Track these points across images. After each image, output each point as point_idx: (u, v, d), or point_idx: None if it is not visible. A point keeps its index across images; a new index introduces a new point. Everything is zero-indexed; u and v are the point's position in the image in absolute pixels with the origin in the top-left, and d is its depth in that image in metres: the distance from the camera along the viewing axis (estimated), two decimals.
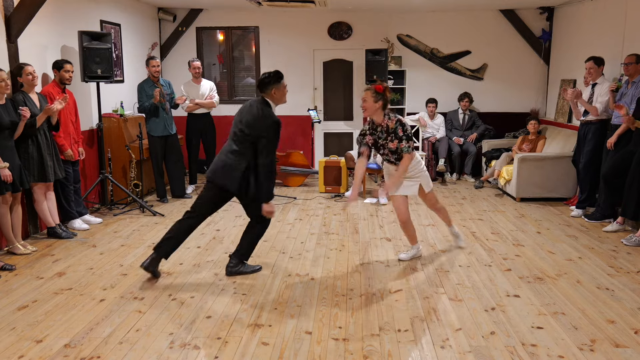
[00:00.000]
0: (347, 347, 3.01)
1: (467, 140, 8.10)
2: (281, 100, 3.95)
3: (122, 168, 6.50)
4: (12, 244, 4.63)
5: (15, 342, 3.08)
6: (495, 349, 2.98)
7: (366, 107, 4.17)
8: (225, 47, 8.69)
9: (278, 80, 3.88)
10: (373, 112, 4.18)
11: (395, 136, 4.16)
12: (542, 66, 8.39)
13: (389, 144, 4.20)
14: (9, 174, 4.35)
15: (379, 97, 4.12)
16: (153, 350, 2.98)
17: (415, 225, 5.56)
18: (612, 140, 5.38)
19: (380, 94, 4.12)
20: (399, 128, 4.16)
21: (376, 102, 4.13)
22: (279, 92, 3.90)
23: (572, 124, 7.19)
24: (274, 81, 3.87)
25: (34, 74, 4.78)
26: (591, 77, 5.85)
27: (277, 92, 3.89)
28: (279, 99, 3.93)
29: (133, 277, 4.11)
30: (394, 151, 4.22)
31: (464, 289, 3.86)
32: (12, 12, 4.86)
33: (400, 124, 4.17)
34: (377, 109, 4.15)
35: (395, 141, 4.16)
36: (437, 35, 8.49)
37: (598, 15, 6.78)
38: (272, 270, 4.28)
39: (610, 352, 2.95)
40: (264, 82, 3.88)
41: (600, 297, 3.70)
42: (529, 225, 5.58)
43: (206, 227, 5.49)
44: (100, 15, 6.57)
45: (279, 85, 3.89)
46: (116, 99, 6.84)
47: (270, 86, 3.87)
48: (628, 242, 4.87)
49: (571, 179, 6.53)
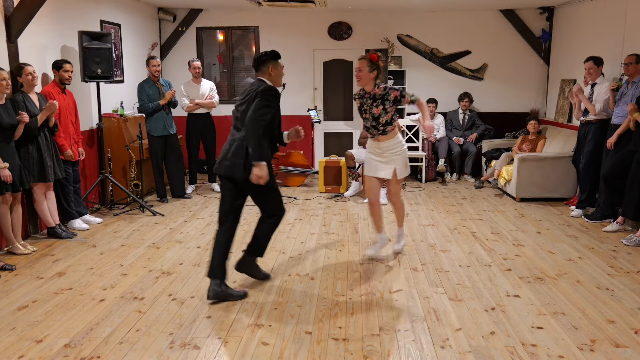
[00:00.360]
0: (347, 347, 3.01)
1: (467, 140, 8.10)
2: (278, 81, 3.72)
3: (122, 168, 6.50)
4: (12, 244, 4.63)
5: (15, 342, 3.08)
6: (495, 349, 2.98)
7: (361, 77, 4.20)
8: (225, 47, 8.69)
9: (275, 57, 3.69)
10: (367, 82, 4.23)
11: (381, 102, 4.21)
12: (542, 66, 8.39)
13: (372, 109, 4.24)
14: (9, 174, 4.35)
15: (374, 67, 4.19)
16: (153, 350, 2.99)
17: (415, 225, 5.58)
18: (612, 140, 5.38)
19: (375, 64, 4.18)
20: (390, 92, 4.21)
21: (371, 72, 4.19)
22: (276, 72, 3.70)
23: (572, 124, 7.19)
24: (271, 58, 3.67)
25: (33, 74, 4.78)
26: (590, 77, 5.85)
27: (274, 70, 3.68)
28: (275, 79, 3.70)
29: (133, 277, 4.11)
30: (376, 117, 4.24)
31: (464, 289, 3.86)
32: (12, 12, 4.86)
33: (390, 88, 4.23)
34: (371, 78, 4.21)
35: (380, 107, 4.21)
36: (437, 35, 8.49)
37: (598, 15, 6.78)
38: (272, 270, 4.28)
39: (610, 352, 2.95)
40: (260, 60, 3.67)
41: (600, 297, 3.70)
42: (529, 225, 5.58)
43: (206, 227, 5.49)
44: (100, 15, 6.57)
45: (277, 64, 3.69)
46: (116, 99, 6.84)
47: (267, 64, 3.66)
48: (628, 242, 4.87)
49: (571, 179, 6.53)
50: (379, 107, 4.22)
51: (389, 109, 4.25)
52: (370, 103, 4.26)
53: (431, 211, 6.20)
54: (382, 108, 4.22)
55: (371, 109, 4.25)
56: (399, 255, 4.63)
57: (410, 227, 5.52)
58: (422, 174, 7.91)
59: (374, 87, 4.27)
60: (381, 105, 4.22)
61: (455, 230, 5.40)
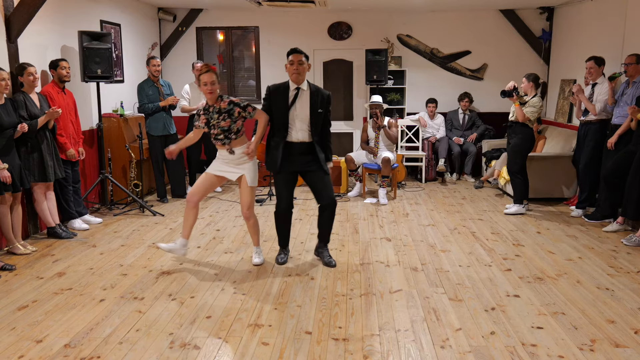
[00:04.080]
0: (347, 347, 3.01)
1: (467, 140, 8.10)
2: (289, 76, 4.17)
3: (122, 168, 6.50)
4: (12, 244, 4.63)
5: (15, 342, 3.08)
6: (495, 349, 2.98)
7: (214, 90, 4.04)
8: (225, 47, 8.69)
9: (287, 55, 4.16)
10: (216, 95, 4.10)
11: (228, 115, 4.08)
12: (542, 66, 8.39)
13: (221, 122, 4.09)
14: (8, 175, 4.34)
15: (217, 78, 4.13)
16: (153, 350, 2.99)
17: (415, 225, 5.58)
18: (612, 140, 5.38)
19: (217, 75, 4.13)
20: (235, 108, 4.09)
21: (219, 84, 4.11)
22: (287, 67, 4.17)
23: (572, 124, 7.19)
24: (287, 55, 4.17)
25: (35, 75, 4.78)
26: (591, 77, 5.85)
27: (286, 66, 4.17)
28: (288, 74, 4.18)
29: (133, 277, 4.11)
30: (226, 130, 4.08)
31: (464, 289, 3.86)
32: (12, 12, 4.86)
33: (234, 104, 4.10)
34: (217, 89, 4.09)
35: (228, 120, 4.08)
36: (437, 35, 8.49)
37: (598, 15, 6.78)
38: (272, 270, 4.28)
39: (610, 352, 2.95)
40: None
41: (600, 297, 3.70)
42: (529, 225, 5.58)
43: (206, 227, 5.49)
44: (100, 15, 6.57)
45: (287, 60, 4.16)
46: (116, 99, 6.84)
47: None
48: (628, 242, 4.87)
49: (571, 179, 6.53)
50: (227, 120, 4.08)
51: (237, 122, 4.12)
52: (217, 117, 4.09)
53: (431, 211, 6.20)
54: (229, 122, 4.08)
55: (219, 123, 4.09)
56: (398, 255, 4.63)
57: (410, 227, 5.52)
58: (422, 174, 7.91)
59: (218, 99, 4.11)
60: (228, 119, 4.08)
61: (455, 230, 5.40)
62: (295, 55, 4.13)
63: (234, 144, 4.15)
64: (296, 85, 4.18)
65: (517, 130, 5.97)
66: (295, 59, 4.11)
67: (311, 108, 4.17)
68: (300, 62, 4.11)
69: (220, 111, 4.10)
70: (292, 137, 4.21)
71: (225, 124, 4.08)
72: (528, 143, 5.98)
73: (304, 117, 4.18)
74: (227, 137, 4.12)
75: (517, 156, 6.01)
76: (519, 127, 5.95)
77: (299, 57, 4.12)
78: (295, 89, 4.18)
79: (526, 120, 5.83)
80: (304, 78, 4.18)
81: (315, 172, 4.23)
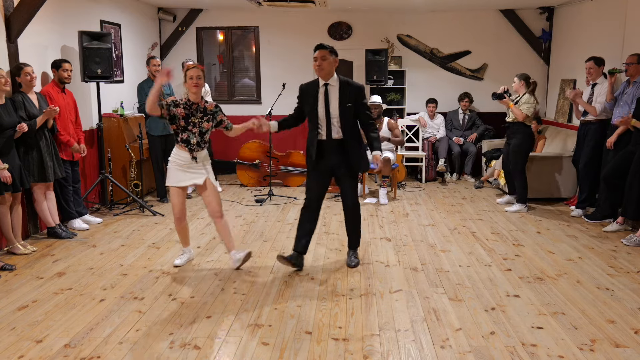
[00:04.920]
0: (347, 347, 3.01)
1: (467, 140, 8.10)
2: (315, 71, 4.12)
3: (122, 168, 6.50)
4: (12, 244, 4.63)
5: (15, 342, 3.08)
6: (495, 349, 2.98)
7: (200, 84, 4.00)
8: (225, 47, 8.69)
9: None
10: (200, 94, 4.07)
11: (212, 118, 4.08)
12: (542, 66, 8.39)
13: (203, 123, 4.06)
14: (9, 175, 4.34)
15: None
16: (153, 350, 2.98)
17: (415, 225, 5.58)
18: (612, 140, 5.38)
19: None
20: (219, 112, 4.12)
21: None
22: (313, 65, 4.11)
23: (572, 124, 7.19)
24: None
25: (32, 75, 4.78)
26: (591, 77, 5.85)
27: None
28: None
29: (133, 277, 4.11)
30: (204, 132, 4.06)
31: (464, 289, 3.86)
32: (12, 12, 4.86)
33: (220, 109, 4.13)
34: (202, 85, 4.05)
35: (210, 123, 4.07)
36: (437, 35, 8.49)
37: (598, 15, 6.78)
38: (272, 270, 4.28)
39: (610, 352, 2.95)
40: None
41: (600, 297, 3.70)
42: (529, 225, 5.58)
43: (206, 227, 5.49)
44: (100, 15, 6.57)
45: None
46: (116, 99, 6.84)
47: None
48: (628, 242, 4.87)
49: (571, 179, 6.53)
50: (209, 122, 4.08)
51: (213, 129, 4.15)
52: (201, 117, 4.06)
53: (431, 211, 6.20)
54: (211, 125, 4.09)
55: (201, 123, 4.06)
56: (398, 255, 4.63)
57: (410, 227, 5.52)
58: (422, 174, 7.91)
59: (202, 99, 4.08)
60: (211, 122, 4.09)
61: (455, 230, 5.40)
62: (318, 51, 4.03)
63: (200, 152, 4.11)
64: (324, 82, 4.09)
65: (517, 129, 6.02)
66: (318, 55, 4.02)
67: (340, 103, 4.06)
68: (322, 57, 4.01)
69: (205, 111, 4.08)
70: (322, 136, 4.13)
71: (207, 125, 4.08)
72: (529, 142, 6.06)
73: (334, 113, 4.08)
74: (199, 145, 4.08)
75: (518, 156, 6.06)
76: (518, 126, 6.00)
77: (322, 53, 4.01)
78: (324, 85, 4.10)
79: (524, 117, 5.90)
80: (329, 73, 4.06)
81: (344, 175, 4.20)
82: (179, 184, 4.12)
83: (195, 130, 4.04)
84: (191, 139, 4.05)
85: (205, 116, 4.07)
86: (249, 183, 7.64)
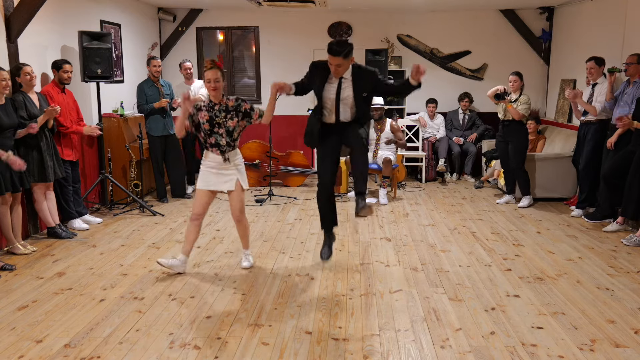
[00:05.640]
0: (347, 347, 3.01)
1: (467, 140, 8.10)
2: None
3: (122, 168, 6.50)
4: (12, 244, 4.63)
5: (15, 342, 3.08)
6: (495, 349, 2.98)
7: (218, 87, 3.93)
8: (225, 47, 8.69)
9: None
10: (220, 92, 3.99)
11: (235, 114, 4.00)
12: (542, 66, 8.39)
13: (228, 122, 4.00)
14: (22, 162, 4.24)
15: (223, 75, 3.97)
16: (153, 350, 2.99)
17: (415, 225, 5.58)
18: (612, 140, 5.38)
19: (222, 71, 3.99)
20: (242, 103, 4.03)
21: (224, 81, 3.99)
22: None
23: (572, 124, 7.19)
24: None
25: (32, 74, 4.78)
26: (592, 77, 5.85)
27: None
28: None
29: (133, 277, 4.11)
30: (230, 131, 4.01)
31: (464, 289, 3.86)
32: (12, 12, 4.86)
33: (242, 100, 4.05)
34: (223, 87, 4.01)
35: (235, 119, 4.00)
36: (437, 35, 8.49)
37: (598, 15, 6.78)
38: (272, 270, 4.28)
39: (610, 352, 2.95)
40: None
41: (600, 297, 3.70)
42: (529, 225, 5.58)
43: (206, 227, 5.49)
44: (100, 15, 6.57)
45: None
46: (116, 99, 6.84)
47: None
48: (628, 242, 4.87)
49: (571, 179, 6.53)
50: (234, 119, 4.01)
51: (241, 123, 4.07)
52: (224, 116, 4.00)
53: (431, 211, 6.20)
54: (236, 121, 4.02)
55: (226, 122, 3.99)
56: (398, 255, 4.63)
57: (410, 227, 5.52)
58: (422, 174, 7.91)
59: (222, 97, 4.01)
60: (236, 117, 4.01)
61: (455, 230, 5.40)
62: (333, 58, 3.80)
63: (231, 154, 4.06)
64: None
65: (515, 128, 6.25)
66: (333, 62, 3.83)
67: (355, 93, 3.95)
68: (338, 65, 3.82)
69: (227, 109, 4.01)
70: (330, 119, 4.01)
71: (232, 123, 4.00)
72: (527, 140, 6.45)
73: (348, 102, 3.97)
74: (229, 145, 4.02)
75: (519, 154, 6.27)
76: (516, 125, 6.24)
77: (337, 61, 3.80)
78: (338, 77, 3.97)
79: (522, 117, 6.15)
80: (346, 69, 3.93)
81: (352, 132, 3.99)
82: (207, 188, 4.09)
83: (222, 130, 4.00)
84: (220, 141, 4.02)
85: (228, 114, 4.01)
86: (249, 183, 7.64)
